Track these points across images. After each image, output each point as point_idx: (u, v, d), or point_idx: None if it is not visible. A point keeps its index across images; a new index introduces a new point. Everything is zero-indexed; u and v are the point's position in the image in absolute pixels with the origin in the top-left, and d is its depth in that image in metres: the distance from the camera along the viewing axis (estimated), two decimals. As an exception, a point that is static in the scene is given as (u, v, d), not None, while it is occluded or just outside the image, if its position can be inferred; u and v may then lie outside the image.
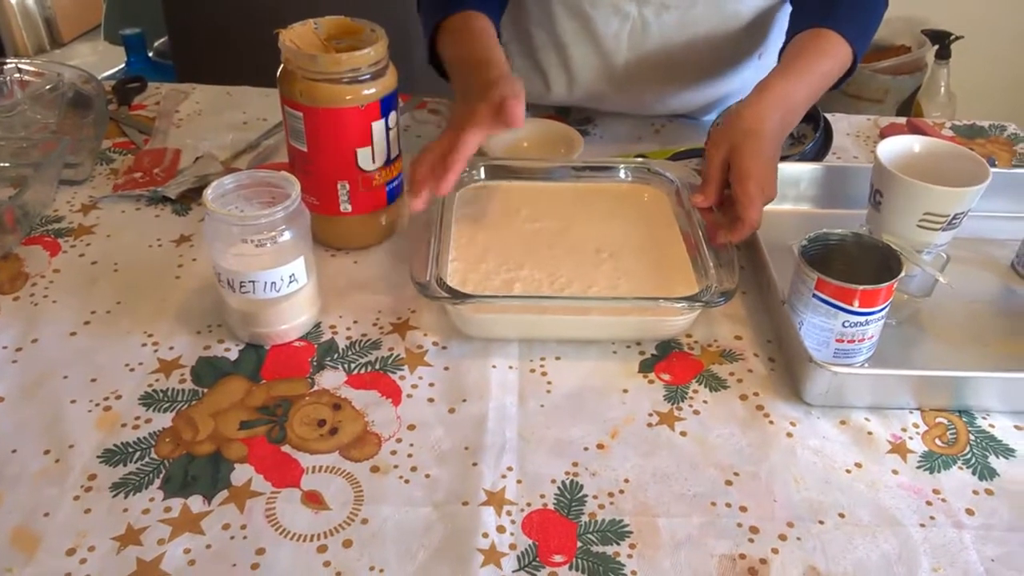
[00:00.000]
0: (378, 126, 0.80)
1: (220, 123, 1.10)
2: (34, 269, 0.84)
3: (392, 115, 0.82)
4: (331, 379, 0.71)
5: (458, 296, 0.73)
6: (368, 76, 0.79)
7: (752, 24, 1.04)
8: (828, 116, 1.03)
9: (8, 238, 0.87)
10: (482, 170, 0.92)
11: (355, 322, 0.78)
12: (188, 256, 0.86)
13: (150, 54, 2.50)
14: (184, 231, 0.89)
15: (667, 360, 0.75)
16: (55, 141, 0.97)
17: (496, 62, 0.86)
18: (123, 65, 2.45)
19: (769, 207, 0.92)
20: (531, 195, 0.91)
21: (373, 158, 0.82)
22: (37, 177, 0.92)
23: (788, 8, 1.01)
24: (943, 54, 1.98)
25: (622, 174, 0.93)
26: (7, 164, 0.96)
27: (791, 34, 0.93)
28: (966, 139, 1.12)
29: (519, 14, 1.11)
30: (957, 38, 1.97)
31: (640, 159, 0.98)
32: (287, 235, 0.71)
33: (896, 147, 0.85)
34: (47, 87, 1.02)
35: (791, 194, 0.95)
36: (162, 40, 2.49)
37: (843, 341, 0.72)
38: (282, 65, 0.80)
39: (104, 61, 3.34)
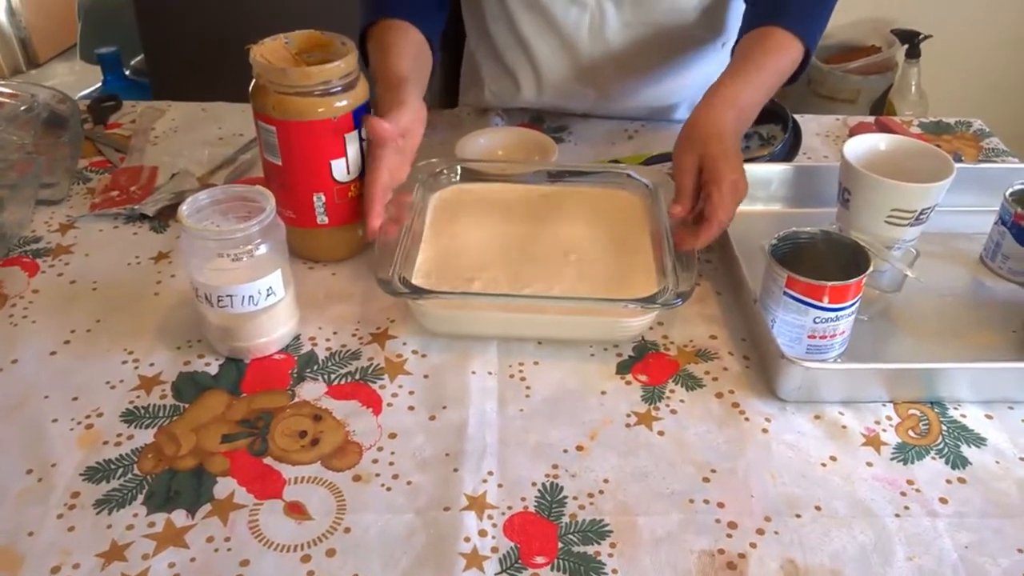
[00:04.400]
0: (351, 137, 0.81)
1: (196, 139, 1.11)
2: (13, 290, 0.84)
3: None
4: (312, 390, 0.72)
5: (415, 292, 0.75)
6: (339, 88, 0.79)
7: (708, 10, 1.06)
8: (797, 117, 1.05)
9: (-15, 260, 0.87)
10: (458, 172, 0.93)
11: (334, 333, 0.78)
12: (166, 273, 0.86)
13: (126, 72, 2.49)
14: (162, 248, 0.90)
15: (643, 361, 0.76)
16: (30, 162, 0.97)
17: (397, 84, 0.85)
18: (100, 84, 2.44)
19: (741, 208, 0.94)
20: (506, 198, 0.92)
21: (348, 169, 0.82)
22: (13, 198, 0.92)
23: None
24: (913, 53, 2.01)
25: (596, 178, 0.94)
26: (-15, 186, 0.96)
27: (742, 32, 0.95)
28: (933, 136, 1.14)
29: (480, 16, 1.12)
30: (926, 37, 2.00)
31: (614, 164, 1.00)
32: (263, 248, 0.71)
33: (862, 146, 0.87)
34: (22, 108, 1.02)
35: (762, 194, 0.97)
36: (138, 58, 2.48)
37: (815, 337, 0.73)
38: (254, 80, 0.81)
39: (81, 80, 3.34)
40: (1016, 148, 1.14)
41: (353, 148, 0.82)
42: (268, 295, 0.73)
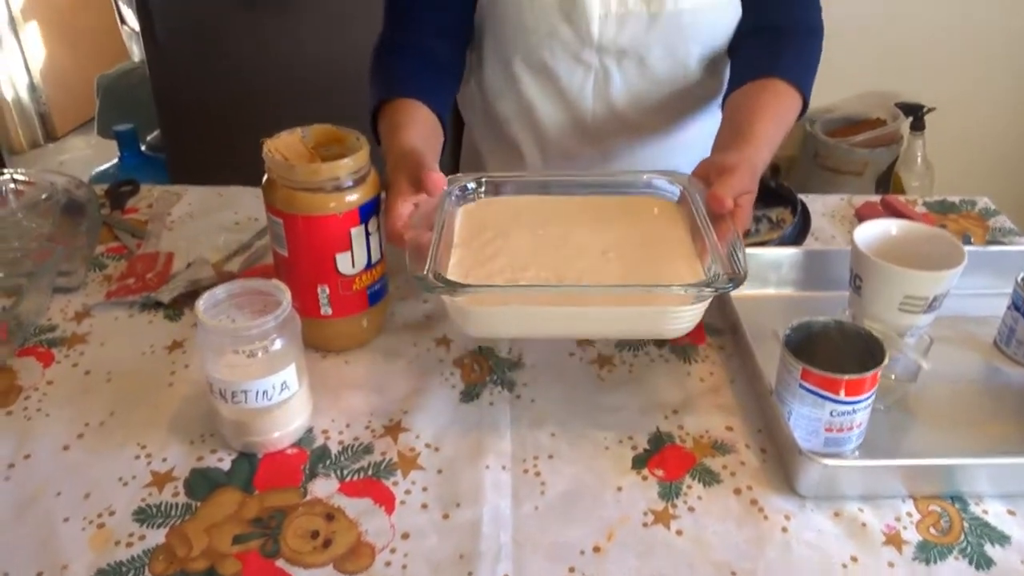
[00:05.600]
0: (357, 231, 0.82)
1: (212, 224, 1.12)
2: (27, 381, 0.84)
3: (373, 220, 0.83)
4: (324, 487, 0.71)
5: (453, 287, 0.72)
6: (349, 184, 0.81)
7: (707, 68, 1.08)
8: (802, 196, 1.06)
9: (2, 350, 0.87)
10: (484, 184, 0.91)
11: (347, 425, 0.78)
12: (180, 363, 0.86)
13: (143, 148, 2.54)
14: (177, 337, 0.90)
15: (660, 454, 0.75)
16: (49, 250, 0.98)
17: (413, 153, 0.86)
18: (116, 160, 2.49)
19: (753, 291, 0.94)
20: (535, 207, 0.90)
21: (353, 263, 0.83)
22: (31, 287, 0.93)
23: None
24: (917, 126, 2.04)
25: (623, 188, 0.92)
26: (1, 275, 0.97)
27: (735, 85, 0.98)
28: (939, 215, 1.14)
29: (482, 94, 1.14)
30: (930, 110, 2.03)
31: (638, 172, 0.96)
32: (278, 343, 0.72)
33: (873, 232, 0.87)
34: (42, 196, 1.04)
35: (773, 278, 0.97)
36: (154, 134, 2.54)
37: (832, 430, 0.73)
38: (265, 174, 0.82)
39: (97, 154, 3.40)
40: (1022, 215, 1.15)
41: (359, 242, 0.82)
42: (282, 390, 0.73)
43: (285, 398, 0.73)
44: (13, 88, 3.39)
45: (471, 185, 0.90)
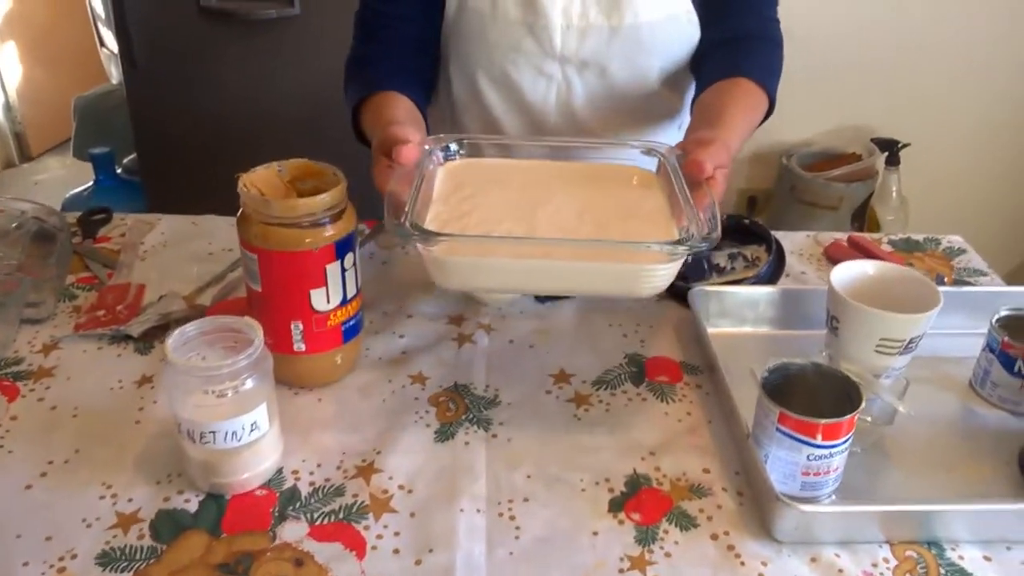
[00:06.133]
0: (332, 268, 0.81)
1: (186, 254, 1.10)
2: (-10, 417, 0.82)
3: (349, 256, 0.82)
4: (293, 531, 0.70)
5: (427, 235, 0.72)
6: (325, 220, 0.80)
7: (667, 82, 1.10)
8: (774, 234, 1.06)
9: (-36, 384, 0.85)
10: (465, 146, 0.92)
11: (318, 466, 0.77)
12: (149, 398, 0.85)
13: (119, 171, 2.51)
14: (146, 371, 0.89)
15: (636, 497, 0.74)
16: (17, 280, 0.96)
17: (398, 119, 0.88)
18: (91, 183, 2.46)
19: (730, 329, 0.94)
20: (515, 169, 0.91)
21: (328, 298, 0.82)
22: (5, 321, 0.92)
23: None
24: (892, 161, 2.06)
25: (604, 153, 0.93)
26: (-32, 305, 0.95)
27: (703, 87, 1.01)
28: (905, 253, 1.15)
29: (450, 109, 1.16)
30: (904, 145, 2.06)
31: (621, 140, 0.97)
32: (249, 383, 0.70)
33: (849, 273, 0.88)
34: (12, 225, 1.02)
35: (750, 316, 0.97)
36: (131, 157, 2.51)
37: (809, 474, 0.72)
38: (240, 209, 0.81)
39: (72, 175, 3.37)
40: (997, 249, 1.15)
41: (335, 278, 0.81)
42: (252, 430, 0.71)
43: (255, 439, 0.72)
44: (-12, 108, 3.36)
45: (453, 146, 0.91)
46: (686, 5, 1.05)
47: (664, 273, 0.75)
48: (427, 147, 0.87)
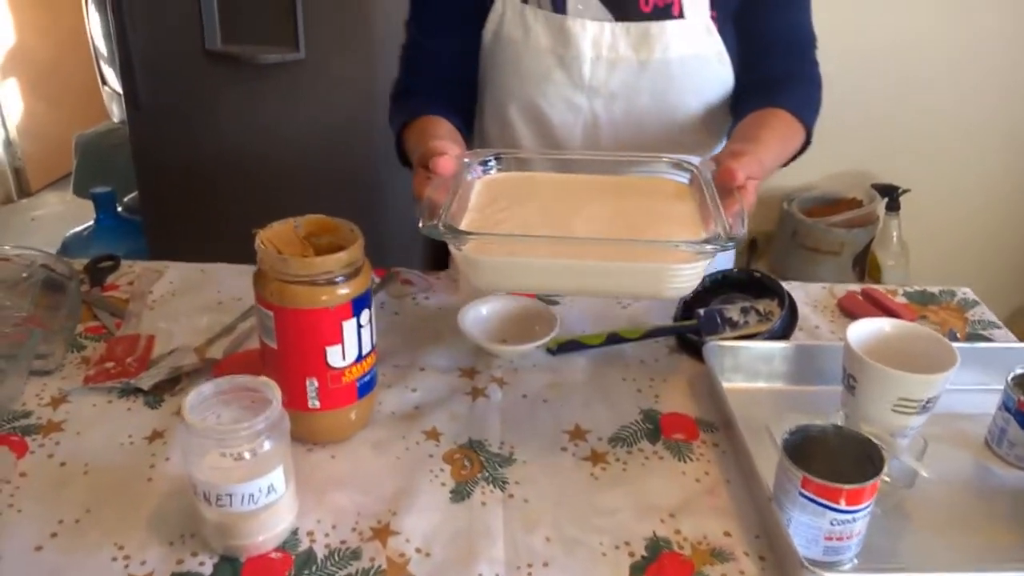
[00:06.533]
0: (349, 324, 0.81)
1: (195, 304, 1.10)
2: (0, 474, 0.81)
3: (365, 312, 0.82)
4: (311, 597, 0.69)
5: (457, 234, 0.76)
6: (342, 277, 0.79)
7: (697, 121, 1.11)
8: (786, 286, 1.06)
9: (-28, 438, 0.84)
10: (503, 161, 0.96)
11: (334, 527, 0.76)
12: (160, 455, 0.83)
13: (119, 209, 2.51)
14: (157, 426, 0.87)
15: (658, 562, 0.73)
16: (26, 332, 0.96)
17: (439, 136, 0.93)
18: (92, 222, 2.45)
19: (744, 384, 0.94)
20: (553, 181, 0.95)
21: (343, 355, 0.81)
22: (7, 371, 0.91)
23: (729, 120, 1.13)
24: (893, 207, 2.08)
25: (638, 168, 0.96)
26: (-24, 357, 0.94)
27: (739, 119, 1.05)
28: (919, 305, 1.15)
29: (480, 143, 1.20)
30: (905, 191, 2.07)
31: (655, 155, 0.99)
32: (267, 445, 0.70)
33: (866, 331, 0.87)
34: (21, 275, 1.01)
35: (763, 371, 0.97)
36: (132, 195, 2.51)
37: (832, 539, 0.71)
38: (257, 266, 0.81)
39: (71, 211, 3.37)
40: (997, 297, 1.16)
41: (351, 335, 0.81)
42: (269, 493, 0.70)
43: (272, 501, 0.71)
44: (-12, 143, 3.36)
45: (490, 160, 0.95)
46: (717, 46, 1.07)
47: (689, 273, 0.77)
48: (466, 160, 0.92)
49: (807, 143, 1.09)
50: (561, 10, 1.06)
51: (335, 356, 0.81)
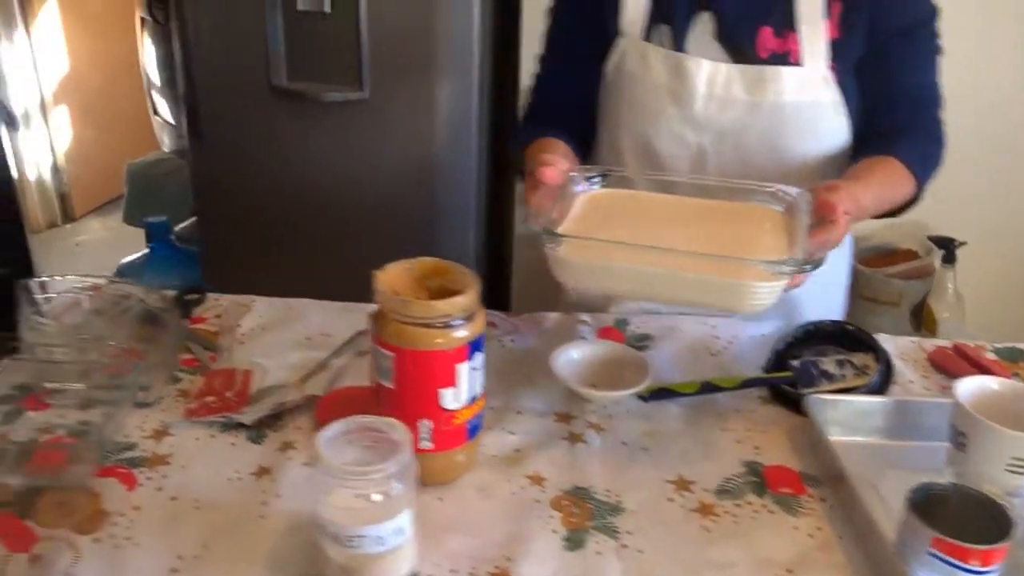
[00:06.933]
0: (464, 367, 0.81)
1: (284, 340, 1.10)
2: (112, 506, 0.81)
3: (478, 355, 0.83)
4: (440, 644, 0.68)
5: (552, 236, 0.85)
6: (459, 321, 0.80)
7: (804, 167, 1.12)
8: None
9: (80, 468, 0.85)
10: (608, 178, 1.02)
11: (452, 572, 0.75)
12: (271, 492, 0.84)
13: (171, 237, 2.54)
14: (262, 462, 0.88)
15: (780, 619, 0.72)
16: (127, 364, 0.97)
17: (552, 150, 1.02)
18: (146, 251, 2.48)
19: (843, 438, 0.94)
20: (652, 200, 1.01)
21: (457, 397, 0.82)
22: (109, 401, 0.91)
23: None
24: (948, 259, 2.08)
25: (740, 195, 0.99)
26: (80, 386, 0.95)
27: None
28: (1009, 362, 1.14)
29: None
30: (961, 244, 2.07)
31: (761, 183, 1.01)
32: (398, 487, 0.70)
33: (974, 388, 0.87)
34: (119, 308, 1.03)
35: (862, 426, 0.96)
36: (183, 224, 2.54)
37: (961, 601, 0.71)
38: (377, 306, 0.82)
39: (114, 237, 3.41)
40: None
41: (465, 377, 0.82)
42: (397, 535, 0.70)
43: (399, 544, 0.71)
44: (37, 168, 3.41)
45: (596, 176, 1.02)
46: (833, 96, 1.08)
47: (765, 291, 0.81)
48: (573, 174, 0.99)
49: (918, 197, 1.10)
50: (680, 49, 1.11)
51: (449, 398, 0.81)
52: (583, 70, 1.19)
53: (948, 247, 2.06)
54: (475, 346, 0.82)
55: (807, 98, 1.08)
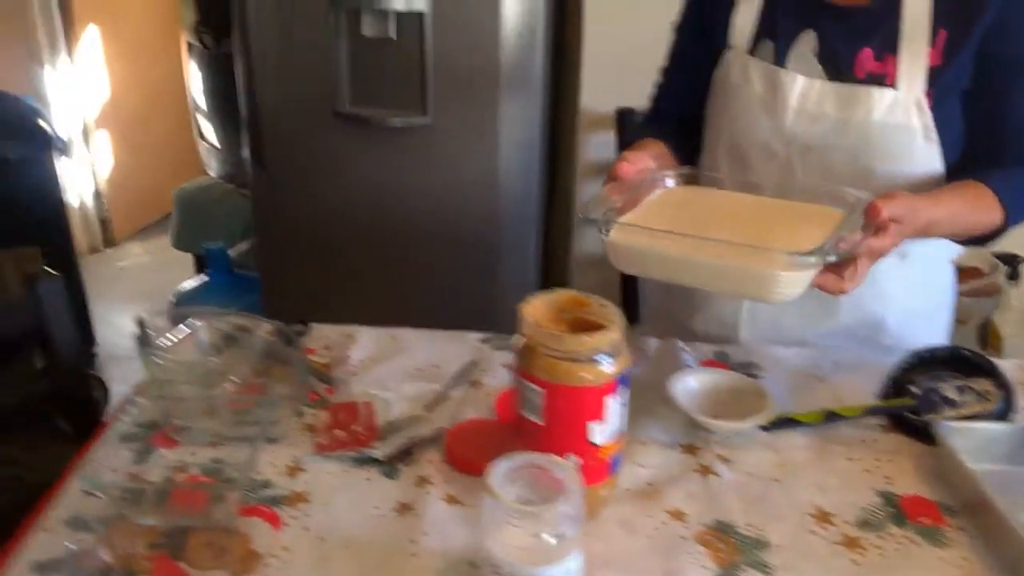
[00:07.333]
0: (612, 401, 0.82)
1: (395, 370, 1.10)
2: (262, 547, 0.81)
3: (624, 390, 0.83)
4: None
5: (599, 221, 0.91)
6: (608, 356, 0.80)
7: (889, 189, 1.09)
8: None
9: (224, 508, 0.85)
10: (685, 176, 1.08)
11: (613, 612, 0.75)
12: (417, 529, 0.84)
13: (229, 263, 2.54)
14: (401, 498, 0.88)
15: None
16: (250, 399, 0.97)
17: (640, 148, 1.10)
18: (203, 278, 2.49)
19: (975, 465, 0.92)
20: (721, 197, 1.05)
21: (603, 432, 0.82)
22: (240, 438, 0.92)
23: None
24: (1013, 275, 2.07)
25: (809, 196, 1.02)
26: (209, 423, 0.96)
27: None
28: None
29: None
30: (1025, 260, 2.06)
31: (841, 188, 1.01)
32: (572, 527, 0.70)
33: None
34: (243, 342, 1.03)
35: (987, 453, 0.94)
36: (238, 250, 2.55)
37: None
38: (524, 340, 0.82)
39: (156, 262, 3.43)
40: None
41: (612, 412, 0.82)
42: (569, 576, 0.70)
43: (572, 584, 0.71)
44: (79, 194, 3.43)
45: (671, 174, 1.08)
46: (925, 121, 1.08)
47: (788, 280, 0.86)
48: (660, 172, 1.06)
49: (1005, 228, 1.09)
50: (781, 64, 1.14)
51: (597, 433, 0.82)
52: (696, 81, 1.25)
53: (1013, 264, 2.05)
54: (623, 380, 0.82)
55: (896, 121, 1.09)
